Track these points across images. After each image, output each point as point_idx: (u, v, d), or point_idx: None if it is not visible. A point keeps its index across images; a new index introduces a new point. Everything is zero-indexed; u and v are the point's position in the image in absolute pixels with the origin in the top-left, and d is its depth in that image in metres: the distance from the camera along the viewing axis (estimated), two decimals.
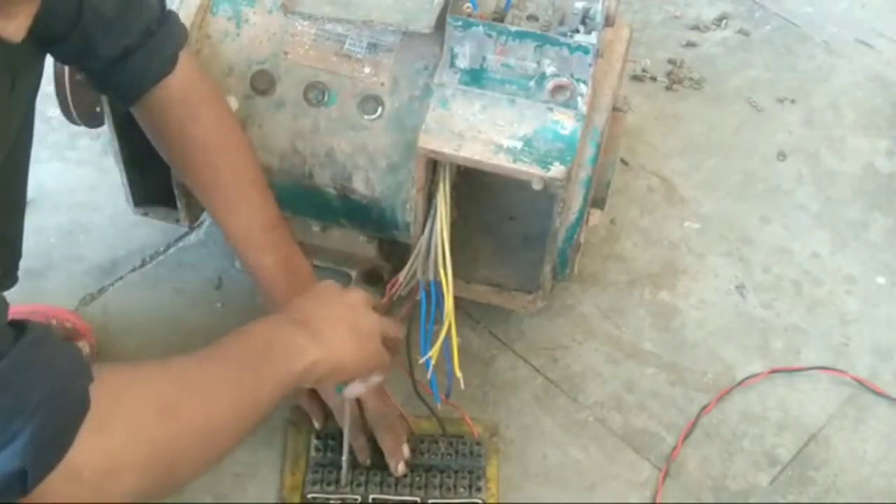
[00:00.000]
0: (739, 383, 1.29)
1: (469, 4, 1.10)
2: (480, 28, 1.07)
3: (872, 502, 1.20)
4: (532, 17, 1.12)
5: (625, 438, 1.24)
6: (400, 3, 1.12)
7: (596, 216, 1.24)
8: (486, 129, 1.10)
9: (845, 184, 1.54)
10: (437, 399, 1.19)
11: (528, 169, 1.08)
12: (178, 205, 1.25)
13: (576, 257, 1.25)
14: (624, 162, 1.53)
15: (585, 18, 1.08)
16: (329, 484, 1.15)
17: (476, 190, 1.28)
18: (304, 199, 1.22)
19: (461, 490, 1.15)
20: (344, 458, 1.14)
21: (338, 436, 1.16)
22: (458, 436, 1.20)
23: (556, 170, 1.07)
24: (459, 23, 1.07)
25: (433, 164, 1.13)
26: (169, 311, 1.27)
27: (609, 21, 1.10)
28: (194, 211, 1.27)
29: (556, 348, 1.32)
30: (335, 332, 0.98)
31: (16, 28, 0.74)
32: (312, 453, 1.17)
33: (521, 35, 1.07)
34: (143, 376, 0.83)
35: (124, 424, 0.78)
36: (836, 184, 1.54)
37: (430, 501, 1.14)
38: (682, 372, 1.31)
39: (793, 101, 1.66)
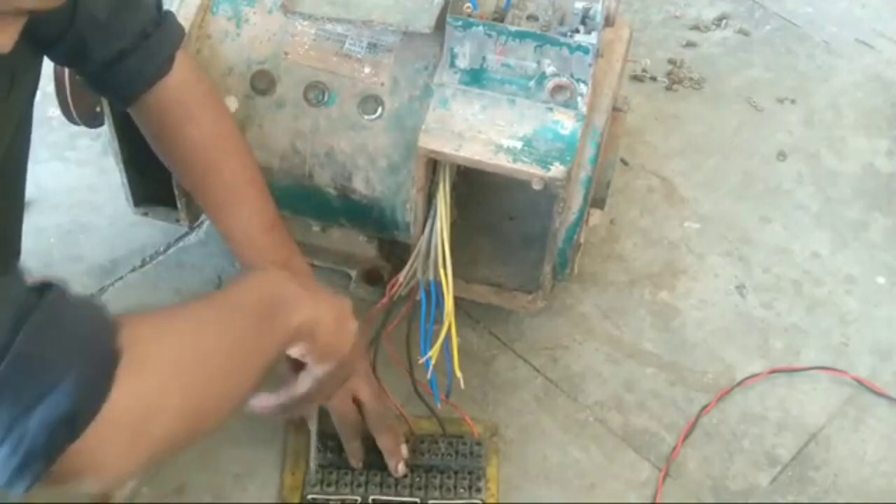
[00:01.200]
0: (739, 383, 1.29)
1: (469, 4, 1.10)
2: (480, 28, 1.07)
3: (872, 502, 1.20)
4: (532, 17, 1.12)
5: (625, 438, 1.24)
6: (400, 3, 1.12)
7: (596, 216, 1.24)
8: (486, 129, 1.10)
9: (845, 184, 1.54)
10: (437, 399, 1.19)
11: (528, 169, 1.08)
12: (178, 205, 1.25)
13: (576, 257, 1.25)
14: (624, 162, 1.53)
15: (585, 18, 1.08)
16: (329, 484, 1.15)
17: (476, 190, 1.28)
18: (304, 199, 1.22)
19: (461, 490, 1.15)
20: (311, 456, 1.15)
21: (337, 436, 1.16)
22: (458, 436, 1.19)
23: (556, 170, 1.08)
24: (459, 23, 1.07)
25: (433, 164, 1.13)
26: None
27: (609, 21, 1.10)
28: (194, 211, 1.27)
29: (556, 348, 1.32)
30: (319, 295, 0.98)
31: (2, 42, 0.74)
32: (312, 454, 1.17)
33: (521, 35, 1.07)
34: (168, 322, 0.83)
35: (158, 368, 0.78)
36: (836, 184, 1.54)
37: (430, 502, 1.14)
38: (682, 372, 1.31)
39: (793, 101, 1.66)
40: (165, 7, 1.08)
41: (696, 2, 1.82)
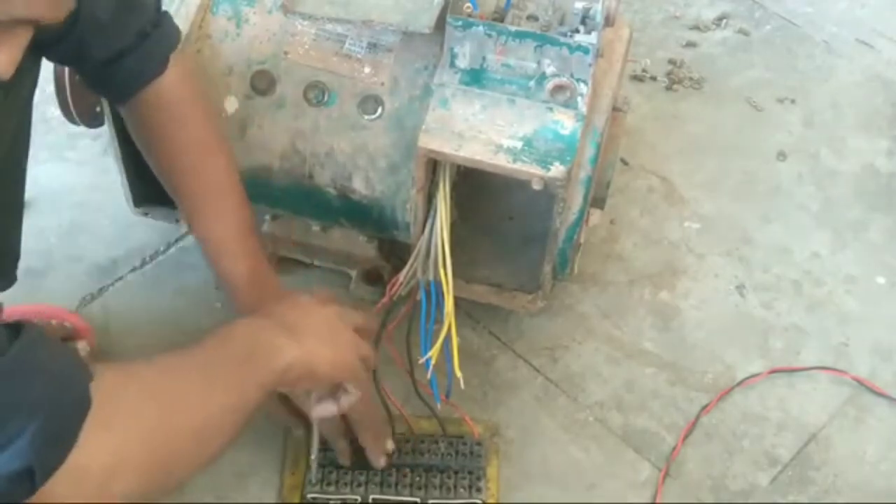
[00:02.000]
0: (739, 383, 1.29)
1: (469, 4, 1.10)
2: (480, 28, 1.07)
3: (872, 502, 1.20)
4: (532, 17, 1.12)
5: (625, 438, 1.24)
6: (400, 3, 1.12)
7: (596, 216, 1.24)
8: (486, 129, 1.10)
9: (845, 184, 1.54)
10: (437, 399, 1.19)
11: (528, 169, 1.08)
12: (178, 205, 1.25)
13: (576, 257, 1.25)
14: (624, 162, 1.53)
15: (585, 18, 1.08)
16: (329, 484, 1.15)
17: (476, 190, 1.28)
18: (304, 199, 1.22)
19: (461, 490, 1.15)
20: (312, 457, 1.15)
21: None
22: (458, 436, 1.19)
23: (556, 170, 1.08)
24: (459, 23, 1.07)
25: (433, 164, 1.13)
26: (169, 311, 1.27)
27: (609, 21, 1.10)
28: None
29: (556, 348, 1.32)
30: (311, 335, 0.98)
31: (3, 62, 0.73)
32: (313, 454, 1.17)
33: (521, 35, 1.07)
34: (140, 375, 0.83)
35: (126, 422, 0.78)
36: (836, 184, 1.54)
37: (431, 501, 1.14)
38: (682, 372, 1.31)
39: (793, 101, 1.66)
40: (164, 7, 1.08)
41: (696, 2, 1.82)
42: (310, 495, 1.15)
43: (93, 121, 1.26)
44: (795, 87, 1.68)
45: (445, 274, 1.12)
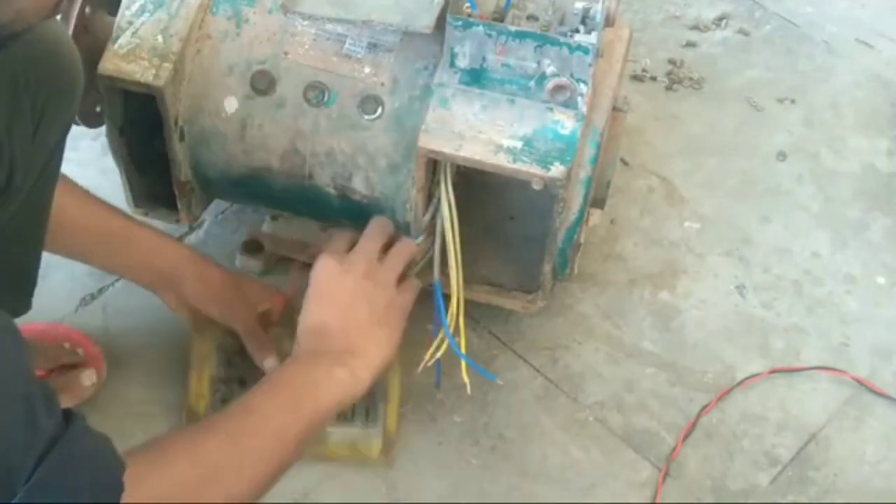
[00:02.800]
0: (739, 383, 1.29)
1: (468, 4, 1.10)
2: (480, 28, 1.07)
3: (872, 502, 1.20)
4: (532, 17, 1.12)
5: (625, 438, 1.24)
6: (400, 3, 1.12)
7: (596, 216, 1.24)
8: (486, 129, 1.10)
9: (845, 184, 1.54)
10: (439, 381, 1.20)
11: (528, 169, 1.08)
12: (178, 205, 1.25)
13: (576, 257, 1.25)
14: (624, 162, 1.53)
15: (585, 18, 1.08)
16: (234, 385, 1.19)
17: (476, 190, 1.28)
18: (304, 199, 1.22)
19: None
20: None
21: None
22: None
23: (556, 170, 1.07)
24: (459, 23, 1.07)
25: (433, 164, 1.13)
26: (169, 311, 1.27)
27: (609, 21, 1.10)
28: (194, 211, 1.27)
29: (556, 348, 1.32)
30: (365, 337, 1.01)
31: None
32: (214, 370, 1.20)
33: (521, 35, 1.07)
34: (170, 464, 0.85)
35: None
36: (836, 184, 1.54)
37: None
38: (682, 372, 1.31)
39: (793, 101, 1.65)
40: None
41: (696, 2, 1.82)
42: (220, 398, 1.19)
43: (93, 121, 1.26)
44: (795, 87, 1.67)
45: (457, 275, 1.12)
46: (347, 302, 1.03)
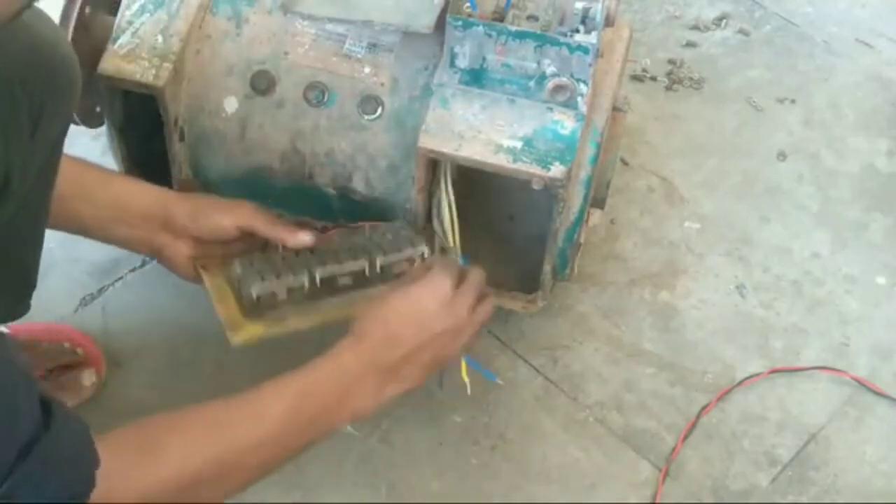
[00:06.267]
0: (739, 383, 1.29)
1: (468, 4, 1.10)
2: (480, 28, 1.07)
3: (872, 502, 1.20)
4: (532, 17, 1.12)
5: (625, 438, 1.24)
6: (400, 3, 1.12)
7: (596, 216, 1.24)
8: (486, 129, 1.10)
9: (845, 184, 1.54)
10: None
11: (528, 169, 1.08)
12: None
13: (576, 257, 1.25)
14: (624, 162, 1.53)
15: (585, 18, 1.08)
16: (265, 279, 1.09)
17: (476, 190, 1.28)
18: (304, 199, 1.22)
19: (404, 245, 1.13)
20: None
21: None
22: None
23: (556, 170, 1.08)
24: (459, 23, 1.07)
25: (433, 164, 1.13)
26: (169, 311, 1.27)
27: (609, 21, 1.10)
28: None
29: (556, 348, 1.32)
30: (415, 371, 1.01)
31: None
32: (237, 270, 1.11)
33: (521, 35, 1.07)
34: (161, 455, 0.85)
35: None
36: (836, 184, 1.54)
37: (378, 260, 1.12)
38: (682, 372, 1.31)
39: (793, 101, 1.66)
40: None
41: (696, 2, 1.82)
42: (254, 293, 1.08)
43: (93, 121, 1.26)
44: (795, 87, 1.68)
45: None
46: (431, 337, 1.02)
